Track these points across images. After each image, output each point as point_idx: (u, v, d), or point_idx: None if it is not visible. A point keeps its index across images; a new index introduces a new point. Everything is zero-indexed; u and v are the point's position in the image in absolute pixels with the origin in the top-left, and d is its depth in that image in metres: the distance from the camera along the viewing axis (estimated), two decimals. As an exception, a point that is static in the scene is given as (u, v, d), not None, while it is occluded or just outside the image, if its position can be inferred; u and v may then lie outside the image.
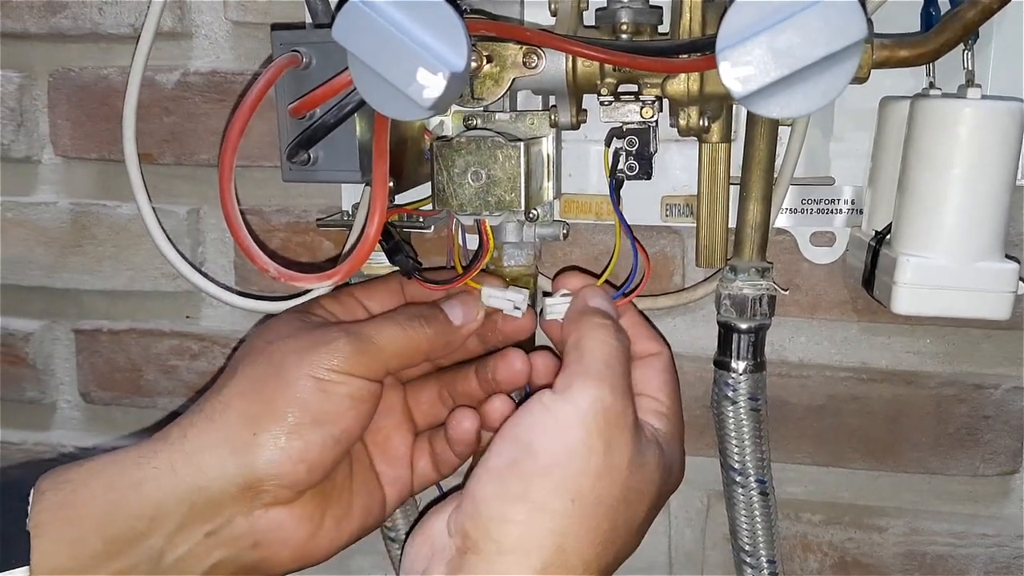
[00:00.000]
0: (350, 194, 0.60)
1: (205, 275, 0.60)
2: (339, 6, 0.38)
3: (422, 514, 0.45)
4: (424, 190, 0.51)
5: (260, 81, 0.42)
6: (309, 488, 0.43)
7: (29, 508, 0.39)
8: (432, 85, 0.36)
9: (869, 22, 0.43)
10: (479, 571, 0.36)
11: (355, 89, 0.40)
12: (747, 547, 0.53)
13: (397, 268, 0.48)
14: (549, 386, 0.41)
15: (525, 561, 0.36)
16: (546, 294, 0.53)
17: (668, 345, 0.49)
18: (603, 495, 0.38)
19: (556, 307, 0.49)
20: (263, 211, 0.64)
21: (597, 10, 0.49)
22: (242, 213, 0.41)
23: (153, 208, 0.60)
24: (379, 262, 0.54)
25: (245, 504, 0.42)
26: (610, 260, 0.54)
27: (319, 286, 0.40)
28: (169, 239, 0.60)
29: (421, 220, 0.55)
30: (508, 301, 0.48)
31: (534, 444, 0.38)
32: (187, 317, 0.68)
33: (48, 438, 0.73)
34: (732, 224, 0.51)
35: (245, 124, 0.41)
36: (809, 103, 0.35)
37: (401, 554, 0.40)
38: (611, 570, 0.40)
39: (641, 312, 0.52)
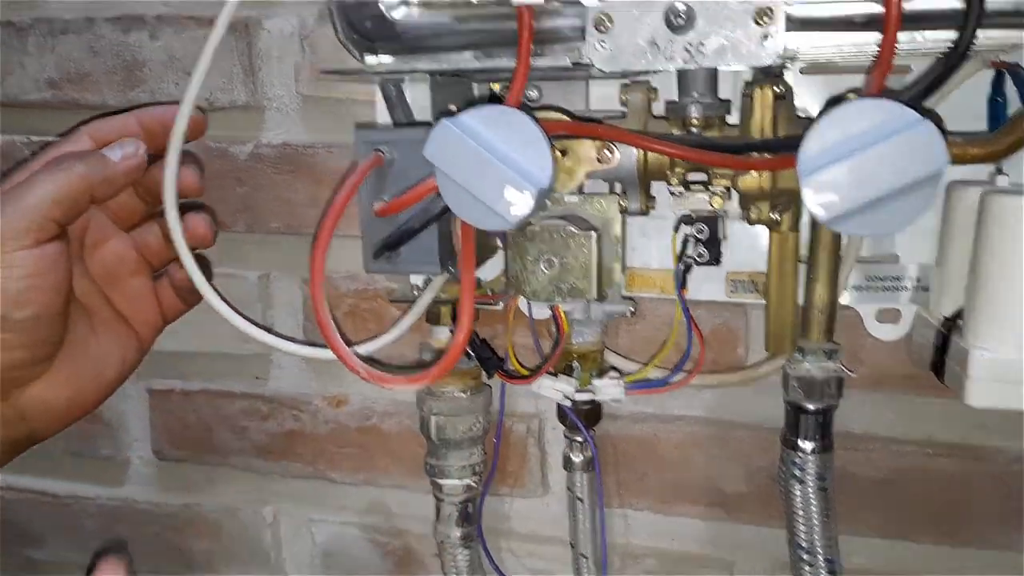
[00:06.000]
0: (419, 268, 0.61)
1: (270, 330, 0.56)
2: (435, 120, 0.39)
3: None
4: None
5: (347, 183, 0.43)
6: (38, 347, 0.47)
7: None
8: (519, 203, 0.38)
9: (935, 113, 0.44)
10: None
11: (439, 194, 0.41)
12: (815, 624, 0.53)
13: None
14: None
15: None
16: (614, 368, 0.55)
17: None
18: None
19: (606, 388, 0.53)
20: (332, 278, 0.66)
21: (667, 102, 0.49)
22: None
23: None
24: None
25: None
26: (664, 344, 0.54)
27: (406, 388, 0.42)
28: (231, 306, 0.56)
29: (491, 292, 0.56)
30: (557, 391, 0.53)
31: None
32: (256, 377, 0.70)
33: (120, 493, 0.75)
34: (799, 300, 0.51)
35: (334, 225, 0.42)
36: (888, 225, 0.36)
37: None
38: None
39: None
